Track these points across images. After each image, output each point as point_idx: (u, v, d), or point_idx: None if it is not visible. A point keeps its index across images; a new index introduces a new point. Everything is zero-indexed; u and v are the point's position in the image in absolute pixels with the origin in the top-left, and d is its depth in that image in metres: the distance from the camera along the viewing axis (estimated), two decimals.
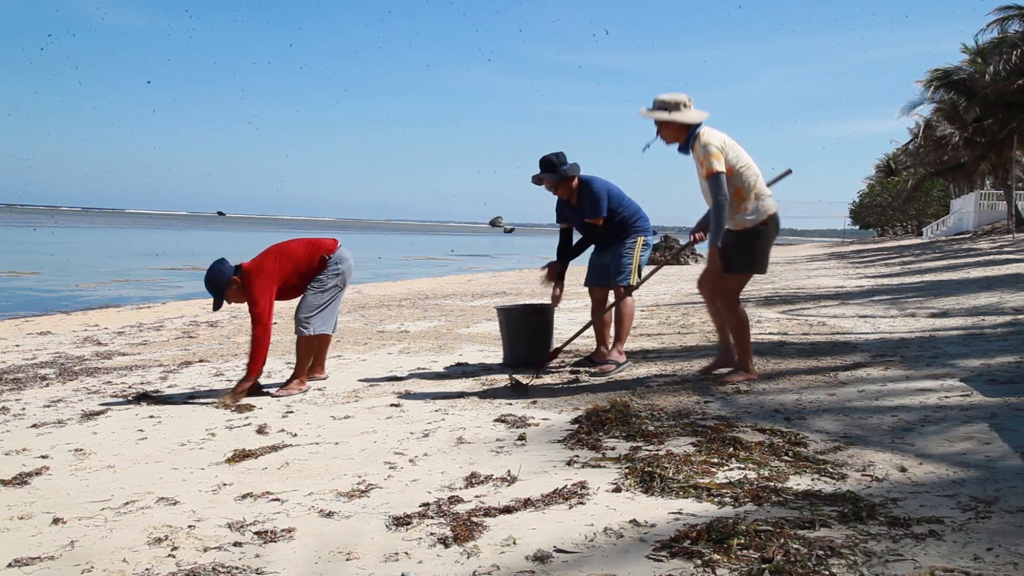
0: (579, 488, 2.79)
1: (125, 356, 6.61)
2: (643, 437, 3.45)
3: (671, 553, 2.21)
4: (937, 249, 24.02)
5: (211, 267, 4.80)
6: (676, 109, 4.49)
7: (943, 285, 11.55)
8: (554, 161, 5.31)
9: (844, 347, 5.94)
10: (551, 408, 4.20)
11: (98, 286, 16.94)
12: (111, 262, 25.28)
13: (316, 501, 2.81)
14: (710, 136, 4.44)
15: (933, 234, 42.44)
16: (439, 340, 7.19)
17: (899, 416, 3.71)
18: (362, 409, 4.36)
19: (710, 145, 4.39)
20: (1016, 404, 3.82)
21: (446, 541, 2.37)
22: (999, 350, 5.45)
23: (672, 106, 4.50)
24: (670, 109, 4.50)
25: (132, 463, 3.39)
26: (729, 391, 4.43)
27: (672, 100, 4.51)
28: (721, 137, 4.48)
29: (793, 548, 2.15)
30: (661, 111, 4.52)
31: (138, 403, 4.64)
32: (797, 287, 12.93)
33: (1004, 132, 29.40)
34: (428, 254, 40.77)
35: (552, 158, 5.31)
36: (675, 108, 4.50)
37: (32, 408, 4.54)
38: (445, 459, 3.31)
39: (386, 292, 14.38)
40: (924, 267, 16.56)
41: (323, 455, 3.44)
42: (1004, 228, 28.87)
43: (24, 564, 2.33)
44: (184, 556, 2.34)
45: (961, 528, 2.31)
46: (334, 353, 6.49)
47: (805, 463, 3.01)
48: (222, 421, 4.15)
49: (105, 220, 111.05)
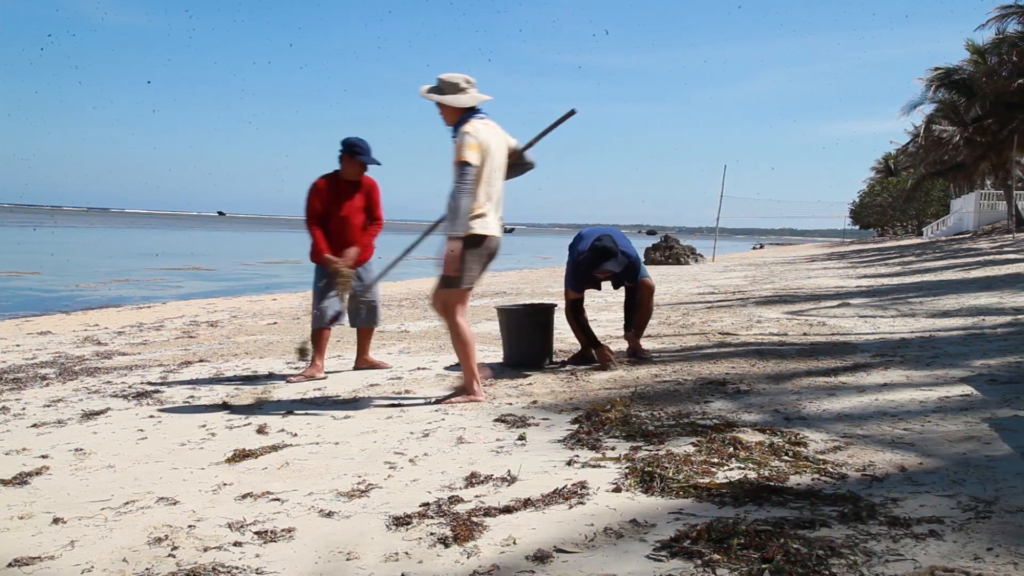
0: (579, 488, 2.79)
1: (125, 356, 6.61)
2: (643, 437, 3.45)
3: (671, 553, 2.21)
4: (937, 249, 24.03)
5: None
6: (451, 91, 4.30)
7: (943, 285, 11.55)
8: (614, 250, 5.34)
9: (844, 347, 5.94)
10: (551, 408, 4.20)
11: (98, 286, 16.95)
12: (111, 262, 25.28)
13: (316, 501, 2.81)
14: (477, 130, 4.22)
15: (933, 234, 42.43)
16: (439, 340, 7.18)
17: (899, 416, 3.71)
18: (362, 409, 4.36)
19: (469, 136, 4.17)
20: (1016, 404, 3.82)
21: (446, 541, 2.37)
22: (999, 350, 5.46)
23: (448, 87, 4.31)
24: (444, 91, 4.31)
25: (132, 463, 3.39)
26: (730, 391, 4.43)
27: (449, 81, 4.31)
28: (489, 138, 4.27)
29: (793, 548, 2.15)
30: (435, 92, 4.34)
31: (138, 403, 4.64)
32: (797, 287, 12.93)
33: (1004, 132, 29.40)
34: (428, 254, 40.71)
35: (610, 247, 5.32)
36: (450, 90, 4.31)
37: (32, 408, 4.54)
38: (445, 459, 3.31)
39: (386, 292, 14.38)
40: (924, 267, 16.56)
41: (323, 455, 3.44)
42: (1004, 228, 28.86)
43: (24, 564, 2.32)
44: (184, 556, 2.34)
45: (961, 528, 2.31)
46: (334, 353, 6.50)
47: (805, 463, 3.01)
48: (222, 421, 4.15)
49: (106, 220, 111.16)
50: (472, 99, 4.31)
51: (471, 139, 4.17)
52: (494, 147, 4.28)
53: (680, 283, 14.71)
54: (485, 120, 4.34)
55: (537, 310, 5.81)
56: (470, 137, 4.17)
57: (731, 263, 26.40)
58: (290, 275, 22.46)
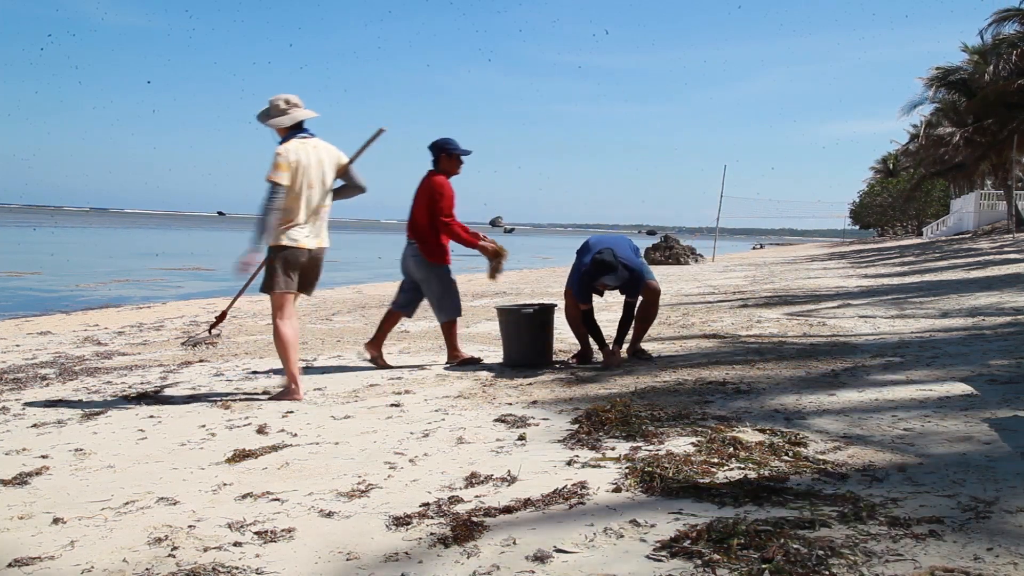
0: (579, 488, 2.79)
1: (125, 356, 6.60)
2: (643, 437, 3.45)
3: (671, 553, 2.21)
4: (937, 249, 24.02)
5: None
6: (275, 114, 4.62)
7: (943, 285, 11.55)
8: (613, 264, 5.31)
9: (844, 347, 5.94)
10: (551, 408, 4.20)
11: (98, 286, 16.94)
12: (111, 262, 25.27)
13: (316, 501, 2.81)
14: (288, 150, 4.52)
15: (933, 234, 42.42)
16: (439, 340, 7.18)
17: (899, 416, 3.71)
18: (362, 409, 4.36)
19: (279, 156, 4.49)
20: (1016, 404, 3.82)
21: (446, 541, 2.37)
22: (999, 350, 5.46)
23: (273, 110, 4.63)
24: (270, 114, 4.64)
25: (132, 463, 3.39)
26: (729, 391, 4.43)
27: (272, 103, 4.63)
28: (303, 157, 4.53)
29: (793, 548, 2.15)
30: (263, 115, 4.67)
31: (138, 403, 4.64)
32: (797, 287, 12.93)
33: (1004, 132, 29.38)
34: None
35: (609, 262, 5.30)
36: (274, 112, 4.62)
37: (32, 408, 4.54)
38: (445, 459, 3.31)
39: (386, 292, 14.35)
40: (924, 267, 16.56)
41: (323, 455, 3.44)
42: (1004, 228, 28.85)
43: (24, 564, 2.33)
44: (184, 556, 2.34)
45: (961, 528, 2.31)
46: (334, 353, 6.50)
47: (805, 463, 3.01)
48: (222, 421, 4.15)
49: (106, 220, 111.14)
50: (291, 119, 4.61)
51: (281, 159, 4.49)
52: (311, 165, 4.57)
53: (680, 283, 14.71)
54: (306, 139, 4.63)
55: (537, 310, 5.82)
56: (280, 158, 4.49)
57: (731, 263, 26.39)
58: None
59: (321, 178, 4.62)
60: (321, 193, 4.63)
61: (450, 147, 5.67)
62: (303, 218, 4.57)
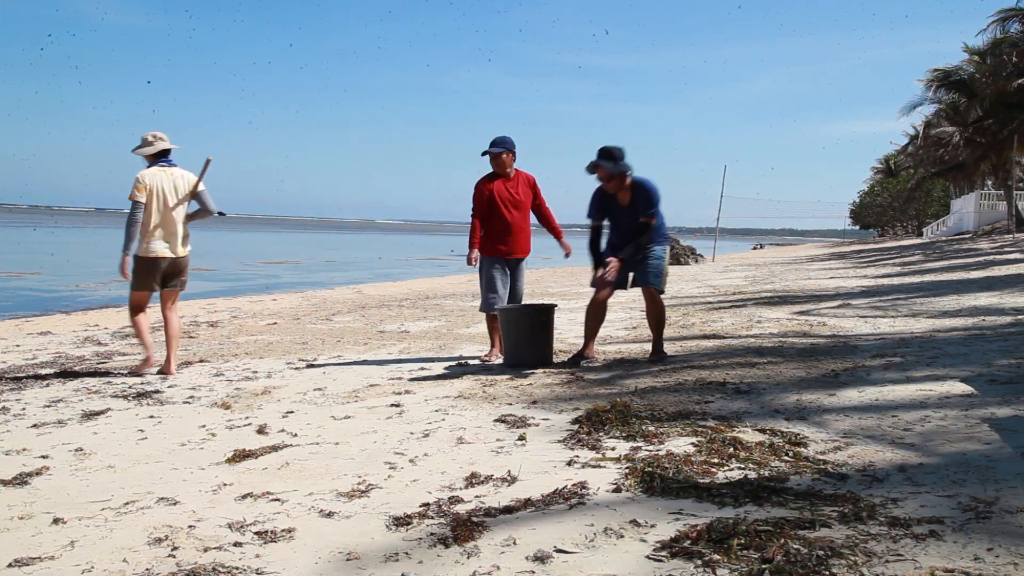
0: (579, 488, 2.79)
1: (125, 356, 6.60)
2: (643, 437, 3.45)
3: (671, 553, 2.21)
4: (937, 249, 24.02)
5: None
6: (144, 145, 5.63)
7: (943, 285, 11.54)
8: (615, 153, 5.36)
9: (844, 347, 5.94)
10: (551, 408, 4.20)
11: (98, 286, 16.93)
12: (111, 262, 25.25)
13: (316, 501, 2.81)
14: (145, 175, 5.54)
15: (933, 234, 42.41)
16: (439, 340, 7.19)
17: (899, 416, 3.71)
18: (362, 409, 4.36)
19: (137, 180, 5.51)
20: (1016, 404, 3.82)
21: (446, 541, 2.37)
22: (999, 350, 5.45)
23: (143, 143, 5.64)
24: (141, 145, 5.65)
25: (132, 463, 3.39)
26: (729, 391, 4.43)
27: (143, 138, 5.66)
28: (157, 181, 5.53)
29: (793, 548, 2.15)
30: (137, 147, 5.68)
31: (138, 403, 4.64)
32: (797, 287, 12.93)
33: (1004, 132, 29.38)
34: (428, 254, 40.79)
35: (614, 149, 5.37)
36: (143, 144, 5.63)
37: (32, 408, 4.54)
38: (445, 459, 3.31)
39: (386, 292, 14.38)
40: (924, 267, 16.56)
41: (323, 455, 3.44)
42: (1004, 228, 28.84)
43: (24, 564, 2.33)
44: (184, 556, 2.34)
45: (961, 528, 2.31)
46: (334, 353, 6.50)
47: (805, 463, 3.01)
48: (222, 421, 4.15)
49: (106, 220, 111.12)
50: (154, 149, 5.64)
51: (138, 183, 5.50)
52: (165, 187, 5.56)
53: (680, 283, 14.71)
54: (165, 166, 5.63)
55: (537, 310, 5.82)
56: (138, 181, 5.51)
57: (731, 263, 26.40)
58: (290, 275, 22.47)
59: (175, 198, 5.58)
60: (174, 212, 5.57)
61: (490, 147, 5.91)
62: (159, 232, 5.54)
